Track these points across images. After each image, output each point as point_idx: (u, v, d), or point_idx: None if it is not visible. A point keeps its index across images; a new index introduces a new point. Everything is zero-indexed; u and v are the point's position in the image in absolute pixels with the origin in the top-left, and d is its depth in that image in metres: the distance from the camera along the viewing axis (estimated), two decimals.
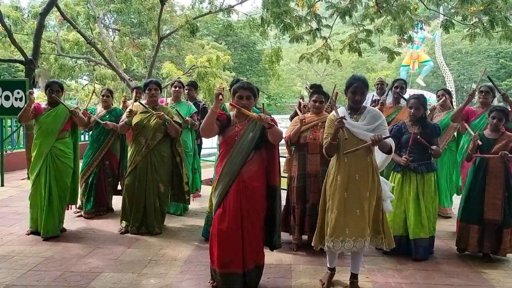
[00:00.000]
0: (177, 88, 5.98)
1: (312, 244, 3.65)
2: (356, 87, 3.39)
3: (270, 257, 4.17)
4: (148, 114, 4.85)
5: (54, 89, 4.77)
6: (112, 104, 5.95)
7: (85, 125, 5.32)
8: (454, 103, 5.99)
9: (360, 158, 3.37)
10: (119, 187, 5.92)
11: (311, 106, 4.45)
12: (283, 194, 4.27)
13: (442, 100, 5.68)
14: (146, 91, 4.94)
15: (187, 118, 5.65)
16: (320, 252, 4.31)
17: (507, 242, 4.13)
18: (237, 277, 3.30)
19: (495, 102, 6.75)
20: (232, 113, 3.49)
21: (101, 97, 5.82)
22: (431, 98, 21.61)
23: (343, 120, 3.20)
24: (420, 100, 4.15)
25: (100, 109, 5.87)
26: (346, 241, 3.32)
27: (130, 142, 5.05)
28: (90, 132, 5.99)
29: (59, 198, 4.77)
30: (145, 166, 4.81)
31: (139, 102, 5.06)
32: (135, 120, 4.86)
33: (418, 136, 4.03)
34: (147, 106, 4.88)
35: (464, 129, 5.33)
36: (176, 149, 5.01)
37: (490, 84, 5.23)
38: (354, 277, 3.56)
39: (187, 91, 6.57)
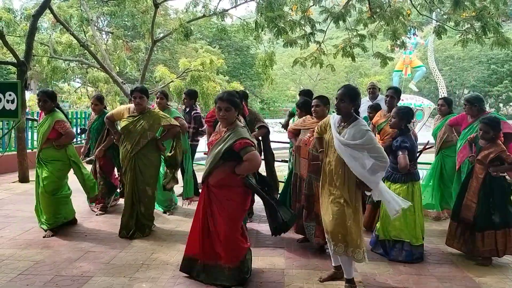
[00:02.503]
0: (158, 100, 6.02)
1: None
2: (338, 94, 3.51)
3: (263, 261, 4.17)
4: (135, 119, 4.85)
5: (41, 99, 4.88)
6: (104, 108, 5.99)
7: (71, 139, 5.20)
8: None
9: (338, 168, 3.49)
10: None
11: (312, 111, 4.53)
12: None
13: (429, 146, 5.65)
14: (132, 99, 4.91)
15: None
16: (313, 256, 4.33)
17: (480, 246, 4.24)
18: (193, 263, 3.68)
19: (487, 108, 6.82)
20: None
21: (90, 104, 5.87)
22: (423, 103, 21.79)
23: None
24: (399, 111, 4.29)
25: (92, 115, 6.01)
26: (338, 246, 3.47)
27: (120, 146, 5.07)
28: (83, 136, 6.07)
29: (49, 192, 4.90)
30: (131, 170, 4.83)
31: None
32: (122, 124, 4.90)
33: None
34: (134, 113, 4.91)
35: (451, 133, 5.53)
36: (160, 152, 5.04)
37: (475, 94, 5.26)
38: (348, 281, 3.55)
39: (183, 100, 6.63)
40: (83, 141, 6.21)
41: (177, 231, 5.21)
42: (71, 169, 5.10)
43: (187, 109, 6.74)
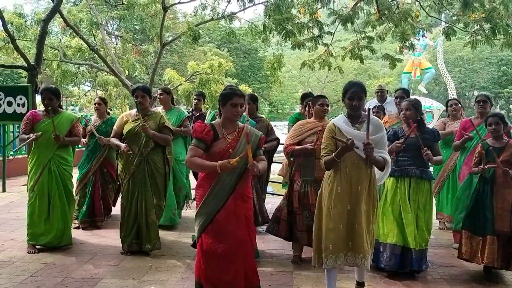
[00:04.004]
0: (160, 96, 5.66)
1: (313, 264, 3.42)
2: (353, 92, 3.27)
3: (271, 264, 4.17)
4: (139, 121, 4.45)
5: (46, 97, 4.57)
6: (107, 111, 5.90)
7: (78, 142, 5.04)
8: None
9: (361, 169, 3.25)
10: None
11: (316, 111, 4.36)
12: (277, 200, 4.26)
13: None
14: (134, 98, 4.60)
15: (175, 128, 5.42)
16: None
17: None
18: None
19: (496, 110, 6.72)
20: (216, 122, 3.19)
21: (93, 105, 5.75)
22: (432, 105, 21.67)
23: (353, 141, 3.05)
24: (411, 102, 4.03)
25: (95, 119, 5.75)
26: (349, 255, 3.21)
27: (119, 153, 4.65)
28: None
29: (66, 204, 4.64)
30: (140, 176, 4.45)
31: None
32: (126, 128, 4.52)
33: (413, 135, 3.84)
34: (138, 113, 4.49)
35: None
36: (167, 157, 4.68)
37: (486, 93, 5.14)
38: (359, 284, 3.53)
39: (195, 101, 6.56)
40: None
41: (186, 234, 5.22)
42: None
43: (197, 113, 6.48)
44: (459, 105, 5.67)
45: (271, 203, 7.01)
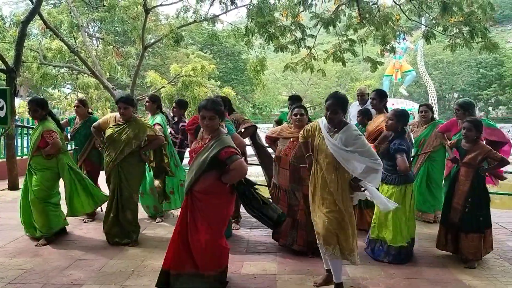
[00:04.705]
0: (146, 104, 6.09)
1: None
2: (329, 105, 3.49)
3: (254, 267, 4.16)
4: (120, 128, 4.77)
5: (31, 108, 4.84)
6: (89, 112, 5.93)
7: (57, 149, 4.96)
8: (436, 115, 6.13)
9: (330, 172, 3.54)
10: None
11: (292, 121, 4.47)
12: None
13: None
14: (117, 109, 4.85)
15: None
16: (305, 261, 4.32)
17: (465, 246, 4.34)
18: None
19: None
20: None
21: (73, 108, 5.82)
22: (414, 108, 21.98)
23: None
24: (394, 113, 4.28)
25: (77, 120, 5.88)
26: (321, 245, 3.57)
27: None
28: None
29: (40, 199, 4.82)
30: (115, 179, 4.79)
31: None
32: (107, 132, 4.81)
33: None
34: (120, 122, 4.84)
35: (444, 140, 5.58)
36: (142, 157, 4.92)
37: (468, 100, 5.42)
38: (337, 286, 3.57)
39: (173, 109, 6.62)
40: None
41: (168, 238, 5.16)
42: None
43: (175, 119, 6.71)
44: (428, 112, 6.10)
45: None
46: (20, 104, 20.47)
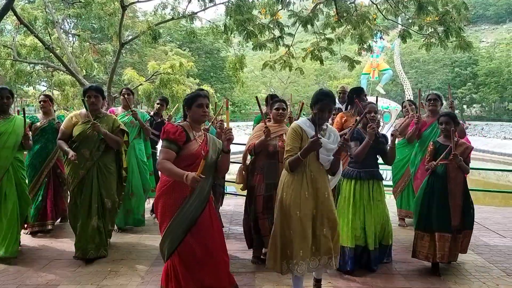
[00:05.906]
0: (125, 96, 5.59)
1: (269, 267, 3.40)
2: (325, 104, 3.25)
3: (234, 265, 4.16)
4: (91, 124, 4.29)
5: (4, 96, 4.41)
6: (54, 110, 5.62)
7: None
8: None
9: (323, 175, 3.33)
10: None
11: (273, 115, 4.40)
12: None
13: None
14: (86, 98, 4.36)
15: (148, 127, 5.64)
16: None
17: (464, 246, 4.22)
18: None
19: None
20: (185, 124, 3.11)
21: (39, 103, 5.46)
22: (390, 106, 22.30)
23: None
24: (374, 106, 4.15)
25: (41, 117, 5.40)
26: (312, 259, 3.21)
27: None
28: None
29: (21, 214, 4.44)
30: (90, 181, 4.30)
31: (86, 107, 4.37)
32: (77, 130, 4.32)
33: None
34: (88, 113, 4.32)
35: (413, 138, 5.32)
36: (119, 158, 4.60)
37: (437, 91, 5.32)
38: (317, 281, 3.58)
39: (157, 106, 6.36)
40: None
41: (147, 237, 5.15)
42: None
43: (158, 119, 6.30)
44: (412, 106, 5.77)
45: (234, 204, 7.04)
46: None
